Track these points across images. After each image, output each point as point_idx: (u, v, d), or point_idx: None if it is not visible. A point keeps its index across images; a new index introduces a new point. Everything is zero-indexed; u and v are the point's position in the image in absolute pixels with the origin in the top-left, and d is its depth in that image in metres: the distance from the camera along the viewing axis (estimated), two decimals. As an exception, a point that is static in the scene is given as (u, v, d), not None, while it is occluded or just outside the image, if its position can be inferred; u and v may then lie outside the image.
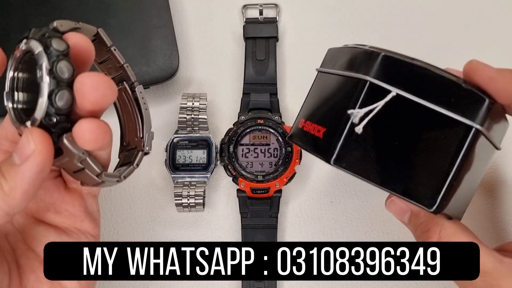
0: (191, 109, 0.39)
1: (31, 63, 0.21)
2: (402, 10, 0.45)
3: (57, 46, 0.21)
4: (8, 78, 0.22)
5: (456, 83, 0.24)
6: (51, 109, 0.20)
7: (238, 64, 0.44)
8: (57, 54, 0.20)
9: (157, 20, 0.42)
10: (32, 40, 0.21)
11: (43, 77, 0.20)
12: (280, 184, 0.38)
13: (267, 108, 0.41)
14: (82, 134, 0.21)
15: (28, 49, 0.21)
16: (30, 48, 0.21)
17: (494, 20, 0.44)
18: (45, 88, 0.20)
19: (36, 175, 0.20)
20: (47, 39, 0.21)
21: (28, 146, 0.20)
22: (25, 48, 0.21)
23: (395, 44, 0.44)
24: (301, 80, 0.44)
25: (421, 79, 0.24)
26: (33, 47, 0.21)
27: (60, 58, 0.20)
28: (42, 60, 0.20)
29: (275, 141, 0.40)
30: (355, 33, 0.44)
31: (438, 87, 0.24)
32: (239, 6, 0.45)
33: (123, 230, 0.40)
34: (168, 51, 0.42)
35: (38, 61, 0.20)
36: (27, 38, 0.21)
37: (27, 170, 0.20)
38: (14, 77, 0.22)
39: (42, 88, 0.20)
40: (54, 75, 0.20)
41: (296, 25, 0.45)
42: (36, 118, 0.21)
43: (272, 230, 0.39)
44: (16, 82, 0.22)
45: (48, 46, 0.20)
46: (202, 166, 0.39)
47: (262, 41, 0.42)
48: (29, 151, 0.20)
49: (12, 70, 0.22)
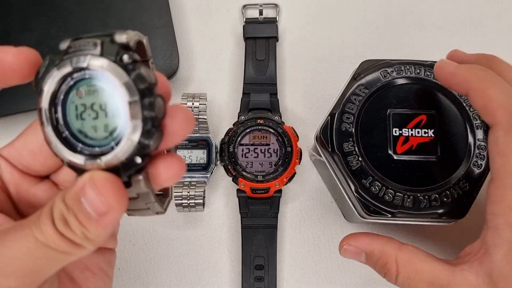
0: (191, 109, 0.39)
1: (97, 86, 0.18)
2: (402, 10, 0.45)
3: (148, 77, 0.18)
4: (51, 93, 0.18)
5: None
6: (137, 149, 0.18)
7: (238, 64, 0.44)
8: (149, 87, 0.18)
9: (157, 20, 0.42)
10: (110, 62, 0.18)
11: (137, 114, 0.17)
12: (280, 184, 0.38)
13: (267, 108, 0.41)
14: (166, 173, 0.19)
15: (95, 69, 0.18)
16: (110, 72, 0.18)
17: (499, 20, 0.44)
18: (139, 127, 0.17)
19: (113, 226, 0.19)
20: (132, 64, 0.18)
21: (104, 204, 0.18)
22: (95, 66, 0.18)
23: (396, 44, 0.44)
24: (301, 80, 0.44)
25: None
26: (115, 74, 0.18)
27: (157, 95, 0.18)
28: (134, 95, 0.17)
29: (275, 141, 0.40)
30: (355, 33, 0.44)
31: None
32: (239, 6, 0.45)
33: (123, 231, 0.40)
34: (168, 51, 0.42)
35: (129, 95, 0.17)
36: (94, 54, 0.18)
37: (104, 225, 0.19)
38: (65, 98, 0.19)
39: (134, 127, 0.17)
40: (149, 113, 0.18)
41: (296, 25, 0.45)
42: (114, 159, 0.18)
43: (272, 230, 0.39)
44: (65, 103, 0.19)
45: (136, 75, 0.18)
46: (202, 166, 0.39)
47: (262, 41, 0.42)
48: (105, 209, 0.18)
49: (57, 86, 0.18)
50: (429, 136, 0.31)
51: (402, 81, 0.32)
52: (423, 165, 0.31)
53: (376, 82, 0.32)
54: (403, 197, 0.30)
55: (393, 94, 0.32)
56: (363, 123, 0.32)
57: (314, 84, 0.43)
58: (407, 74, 0.32)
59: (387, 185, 0.30)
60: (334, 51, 0.44)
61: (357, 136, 0.31)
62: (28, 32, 0.41)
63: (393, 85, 0.32)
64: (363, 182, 0.31)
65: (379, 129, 0.31)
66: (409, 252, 0.29)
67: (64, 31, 0.41)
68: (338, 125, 0.32)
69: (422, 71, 0.32)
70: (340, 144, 0.31)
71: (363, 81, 0.32)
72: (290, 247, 0.40)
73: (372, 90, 0.32)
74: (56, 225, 0.18)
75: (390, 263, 0.29)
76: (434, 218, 0.30)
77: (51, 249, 0.19)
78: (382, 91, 0.32)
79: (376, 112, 0.32)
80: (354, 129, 0.32)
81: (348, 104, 0.32)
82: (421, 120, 0.31)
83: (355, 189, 0.31)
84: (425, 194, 0.30)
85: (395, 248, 0.29)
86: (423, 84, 0.32)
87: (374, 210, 0.30)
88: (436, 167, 0.31)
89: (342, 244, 0.31)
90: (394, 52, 0.44)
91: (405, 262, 0.28)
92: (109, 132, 0.18)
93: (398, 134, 0.31)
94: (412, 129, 0.31)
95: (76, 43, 0.18)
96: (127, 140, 0.18)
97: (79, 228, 0.18)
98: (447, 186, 0.30)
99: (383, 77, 0.32)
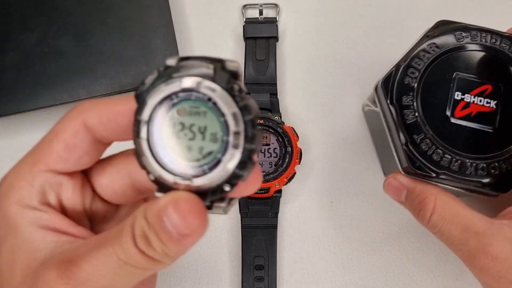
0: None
1: (201, 108, 0.18)
2: (403, 10, 0.45)
3: (254, 109, 0.18)
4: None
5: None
6: (229, 178, 0.18)
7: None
8: (254, 119, 0.18)
9: (157, 20, 0.42)
10: (221, 89, 0.18)
11: (239, 144, 0.18)
12: (280, 184, 0.38)
13: (267, 108, 0.41)
14: (246, 192, 0.20)
15: (206, 92, 0.18)
16: (220, 99, 0.18)
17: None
18: (237, 157, 0.18)
19: (193, 245, 0.19)
20: (240, 94, 0.18)
21: (186, 228, 0.18)
22: (207, 90, 0.18)
23: (396, 44, 0.44)
24: (301, 80, 0.44)
25: None
26: (225, 101, 0.18)
27: (258, 128, 0.18)
28: (240, 125, 0.18)
29: (275, 141, 0.40)
30: (355, 32, 0.44)
31: None
32: (239, 6, 0.45)
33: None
34: (168, 51, 0.42)
35: (235, 125, 0.18)
36: (206, 78, 0.18)
37: (185, 245, 0.19)
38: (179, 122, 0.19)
39: (233, 156, 0.18)
40: (249, 145, 0.18)
41: (296, 25, 0.45)
42: (207, 183, 0.18)
43: (272, 230, 0.39)
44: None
45: (244, 105, 0.18)
46: (202, 166, 0.39)
47: (262, 41, 0.42)
48: (187, 231, 0.18)
49: (161, 101, 0.19)
50: (490, 106, 0.31)
51: (475, 48, 0.32)
52: (478, 134, 0.31)
53: (448, 43, 0.32)
54: (451, 160, 0.30)
55: (463, 58, 0.32)
56: (426, 81, 0.32)
57: (314, 84, 0.43)
58: (481, 41, 0.32)
59: (437, 145, 0.31)
60: (334, 51, 0.44)
61: (418, 92, 0.31)
62: (28, 32, 0.41)
63: (465, 50, 0.32)
64: (414, 137, 0.31)
65: (441, 89, 0.31)
66: (450, 196, 0.29)
67: (64, 31, 0.41)
68: (401, 77, 0.32)
69: (498, 41, 0.32)
70: (400, 97, 0.31)
71: (436, 40, 0.32)
72: (290, 247, 0.40)
73: (443, 50, 0.32)
74: (137, 242, 0.18)
75: (428, 199, 0.29)
76: (477, 187, 0.31)
77: (132, 267, 0.19)
78: (452, 53, 0.32)
79: (442, 72, 0.32)
80: (417, 85, 0.31)
81: (415, 59, 0.32)
82: (486, 89, 0.31)
83: (405, 143, 0.31)
84: (473, 161, 0.30)
85: (437, 189, 0.30)
86: (496, 54, 0.32)
87: (419, 167, 0.31)
88: (490, 138, 0.31)
89: (387, 179, 0.32)
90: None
91: (444, 202, 0.29)
92: (203, 155, 0.18)
93: (459, 98, 0.31)
94: (475, 97, 0.31)
95: (187, 63, 0.19)
96: (223, 167, 0.18)
97: (160, 246, 0.18)
98: (497, 158, 0.30)
99: (457, 40, 0.32)
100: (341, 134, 0.42)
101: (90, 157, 0.23)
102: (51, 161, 0.22)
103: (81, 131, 0.22)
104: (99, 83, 0.40)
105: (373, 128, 0.41)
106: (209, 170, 0.18)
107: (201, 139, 0.18)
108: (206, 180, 0.18)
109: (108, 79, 0.40)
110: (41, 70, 0.40)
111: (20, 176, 0.22)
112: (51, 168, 0.22)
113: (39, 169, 0.22)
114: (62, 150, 0.22)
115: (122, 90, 0.40)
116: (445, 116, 0.31)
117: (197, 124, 0.18)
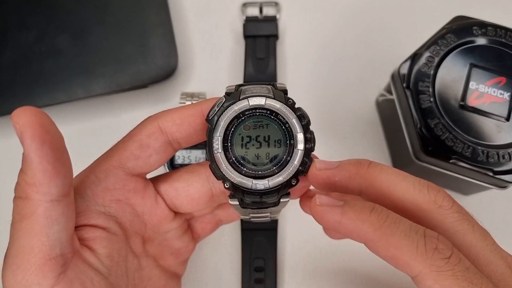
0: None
1: (264, 122, 0.23)
2: (403, 10, 0.44)
3: (306, 116, 0.24)
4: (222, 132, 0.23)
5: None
6: (295, 173, 0.23)
7: (238, 63, 0.43)
8: (307, 124, 0.23)
9: (155, 18, 0.42)
10: (282, 104, 0.23)
11: (300, 145, 0.23)
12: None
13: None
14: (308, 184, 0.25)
15: (271, 108, 0.23)
16: (283, 111, 0.23)
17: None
18: (300, 155, 0.23)
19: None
20: (293, 105, 0.23)
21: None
22: (272, 106, 0.23)
23: (396, 44, 0.43)
24: (301, 78, 0.43)
25: None
26: (287, 112, 0.23)
27: (311, 131, 0.23)
28: (300, 130, 0.23)
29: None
30: (355, 32, 0.44)
31: None
32: (238, 4, 0.44)
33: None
34: (166, 49, 0.41)
35: (297, 130, 0.23)
36: (269, 97, 0.23)
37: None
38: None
39: (296, 155, 0.23)
40: (308, 144, 0.23)
41: (296, 23, 0.44)
42: (280, 180, 0.23)
43: (272, 231, 0.38)
44: (233, 135, 0.23)
45: (300, 114, 0.23)
46: (201, 166, 0.39)
47: (262, 39, 0.42)
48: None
49: (231, 120, 0.23)
50: (504, 98, 0.32)
51: (490, 42, 0.33)
52: (490, 123, 0.32)
53: (466, 35, 0.34)
54: (463, 146, 0.31)
55: (479, 51, 0.33)
56: (443, 68, 0.33)
57: (315, 83, 0.43)
58: (497, 37, 0.33)
59: (450, 131, 0.32)
60: (334, 50, 0.43)
61: (434, 79, 0.33)
62: (26, 30, 0.41)
63: (481, 43, 0.33)
64: (428, 121, 0.32)
65: (457, 78, 0.33)
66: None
67: (62, 30, 0.41)
68: (419, 64, 0.33)
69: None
70: (416, 82, 0.33)
71: (454, 32, 0.34)
72: (290, 249, 0.40)
73: (460, 41, 0.33)
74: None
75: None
76: (488, 175, 0.31)
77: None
78: (469, 45, 0.33)
79: (458, 62, 0.33)
80: (433, 72, 0.33)
81: (434, 46, 0.34)
82: (501, 81, 0.33)
83: (419, 127, 0.32)
84: (485, 149, 0.31)
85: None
86: (511, 50, 0.33)
87: (432, 151, 0.32)
88: (502, 129, 0.32)
89: (312, 201, 0.23)
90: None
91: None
92: (270, 159, 0.23)
93: (474, 87, 0.32)
94: (489, 87, 0.32)
95: (246, 88, 0.23)
96: (291, 165, 0.23)
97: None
98: (508, 148, 0.31)
99: (473, 34, 0.34)
100: (342, 133, 0.42)
101: (160, 157, 0.25)
102: (124, 157, 0.24)
103: (156, 133, 0.24)
104: (97, 82, 0.40)
105: (385, 117, 0.42)
106: (279, 171, 0.23)
107: (266, 146, 0.23)
108: (281, 178, 0.23)
109: (106, 78, 0.40)
110: (39, 69, 0.40)
111: (90, 168, 0.25)
112: (122, 164, 0.24)
113: (110, 165, 0.24)
114: (135, 148, 0.24)
115: (120, 89, 0.40)
116: (459, 103, 0.32)
117: (262, 135, 0.23)
